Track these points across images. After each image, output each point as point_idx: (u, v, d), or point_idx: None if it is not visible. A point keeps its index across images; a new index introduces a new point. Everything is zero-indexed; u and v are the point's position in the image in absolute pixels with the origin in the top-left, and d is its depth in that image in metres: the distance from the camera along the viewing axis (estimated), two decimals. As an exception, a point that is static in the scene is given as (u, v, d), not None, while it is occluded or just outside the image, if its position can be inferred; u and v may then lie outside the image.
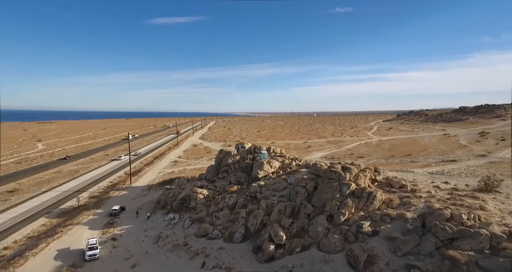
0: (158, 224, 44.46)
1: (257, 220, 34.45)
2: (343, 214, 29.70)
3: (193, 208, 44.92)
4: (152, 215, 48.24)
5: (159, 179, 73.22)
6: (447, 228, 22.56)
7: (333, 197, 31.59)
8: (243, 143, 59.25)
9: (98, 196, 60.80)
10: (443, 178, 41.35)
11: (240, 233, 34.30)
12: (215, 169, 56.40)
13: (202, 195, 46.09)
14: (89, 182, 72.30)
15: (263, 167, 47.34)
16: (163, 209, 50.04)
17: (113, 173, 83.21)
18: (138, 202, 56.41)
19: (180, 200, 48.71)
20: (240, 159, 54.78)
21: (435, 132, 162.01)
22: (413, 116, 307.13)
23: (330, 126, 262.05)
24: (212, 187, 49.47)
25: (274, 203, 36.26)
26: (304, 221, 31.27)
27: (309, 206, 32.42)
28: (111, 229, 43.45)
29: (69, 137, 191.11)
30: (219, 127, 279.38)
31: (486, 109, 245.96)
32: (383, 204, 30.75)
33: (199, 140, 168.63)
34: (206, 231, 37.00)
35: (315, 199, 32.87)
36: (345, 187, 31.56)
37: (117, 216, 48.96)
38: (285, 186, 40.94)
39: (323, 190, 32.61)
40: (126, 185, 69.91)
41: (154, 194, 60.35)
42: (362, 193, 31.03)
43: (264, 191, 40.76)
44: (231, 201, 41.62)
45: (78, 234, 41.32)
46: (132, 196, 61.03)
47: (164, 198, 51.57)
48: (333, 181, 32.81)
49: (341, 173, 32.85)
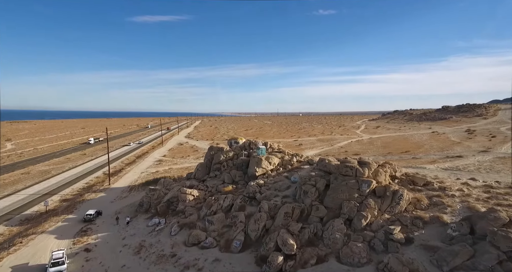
0: (139, 230, 38.28)
1: (259, 225, 29.22)
2: (365, 217, 24.98)
3: (182, 212, 39.08)
4: (132, 220, 41.92)
5: (142, 179, 66.40)
6: (511, 236, 18.18)
7: (350, 197, 26.85)
8: (236, 138, 53.93)
9: (70, 199, 53.48)
10: (464, 174, 37.82)
11: (239, 241, 28.94)
12: (206, 167, 50.63)
13: (192, 196, 40.31)
14: (62, 184, 64.35)
15: (261, 163, 42.12)
16: (146, 213, 43.81)
17: (90, 173, 75.27)
18: (117, 205, 49.73)
19: (166, 202, 42.69)
20: (233, 156, 49.32)
21: (422, 130, 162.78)
22: (398, 115, 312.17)
23: (318, 125, 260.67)
24: (203, 187, 43.76)
25: (278, 205, 31.15)
26: (316, 226, 26.29)
27: (322, 207, 27.53)
28: (84, 238, 36.84)
29: (43, 136, 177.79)
30: (206, 126, 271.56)
31: (467, 108, 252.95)
32: (410, 204, 26.28)
33: (185, 139, 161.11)
34: (198, 238, 31.37)
35: (328, 199, 27.99)
36: (365, 184, 26.85)
37: (92, 222, 42.24)
38: (288, 184, 35.96)
39: (338, 189, 27.76)
40: (105, 186, 62.68)
41: (136, 196, 53.80)
42: (385, 191, 26.40)
43: (264, 191, 35.59)
44: (226, 203, 36.16)
45: (41, 245, 34.46)
46: (111, 198, 54.16)
47: (147, 200, 45.32)
48: (348, 178, 28.04)
49: (359, 168, 28.09)
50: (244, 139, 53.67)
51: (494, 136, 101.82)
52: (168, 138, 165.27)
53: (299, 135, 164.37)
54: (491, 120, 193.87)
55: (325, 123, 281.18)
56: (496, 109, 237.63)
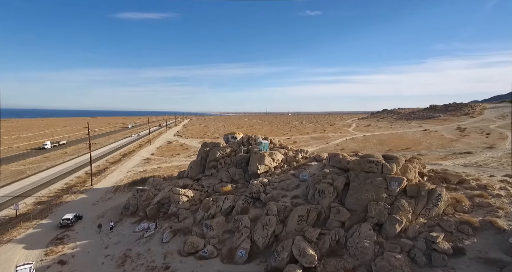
0: (125, 237, 33.31)
1: (268, 231, 24.95)
2: (399, 222, 21.11)
3: (174, 215, 34.35)
4: (117, 225, 36.82)
5: (128, 179, 60.82)
6: None
7: (377, 197, 22.98)
8: (233, 133, 49.48)
9: (46, 202, 47.46)
10: (491, 171, 34.69)
11: (245, 250, 24.60)
12: (200, 164, 45.88)
13: (186, 197, 35.58)
14: (37, 185, 57.89)
15: (264, 160, 37.85)
16: (133, 217, 38.78)
17: (70, 173, 68.73)
18: (99, 208, 44.31)
19: (156, 204, 37.83)
20: (231, 152, 44.80)
21: (413, 128, 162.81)
22: (387, 114, 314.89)
23: (308, 123, 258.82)
24: (198, 186, 39.10)
25: (288, 206, 26.99)
26: (338, 232, 22.28)
27: (344, 210, 23.54)
28: (59, 247, 31.54)
29: (21, 134, 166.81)
30: (195, 125, 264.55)
31: (454, 107, 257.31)
32: (449, 206, 22.67)
33: (173, 137, 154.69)
34: (195, 246, 26.81)
35: (351, 200, 24.03)
36: (395, 183, 22.97)
37: (70, 227, 36.88)
38: (297, 183, 31.88)
39: (361, 188, 23.84)
40: (86, 186, 56.78)
41: (122, 197, 48.45)
42: (419, 191, 22.64)
43: (269, 191, 31.35)
44: (226, 205, 31.71)
45: (5, 257, 28.97)
46: (93, 200, 48.56)
47: (134, 202, 40.26)
48: (373, 175, 24.14)
49: (386, 164, 24.19)
50: (242, 134, 49.36)
51: (488, 133, 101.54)
52: (156, 136, 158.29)
53: (292, 133, 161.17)
54: (478, 118, 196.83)
55: (315, 122, 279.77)
56: (482, 108, 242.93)
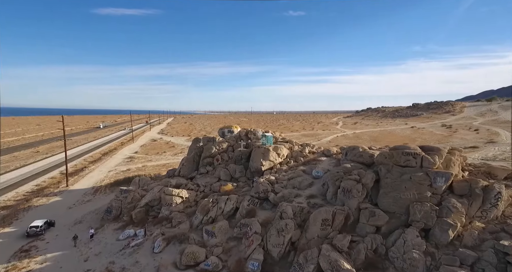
0: (107, 247, 28.17)
1: (285, 238, 20.84)
2: (452, 227, 17.51)
3: (167, 219, 29.52)
4: (98, 232, 31.51)
5: (110, 179, 54.80)
6: None
7: (421, 196, 19.32)
8: (230, 126, 44.92)
9: (11, 207, 40.93)
10: None
11: (257, 261, 20.35)
12: (193, 162, 41.04)
13: (179, 198, 30.80)
14: (2, 187, 50.70)
15: (269, 155, 33.68)
16: (116, 222, 33.59)
17: (42, 173, 61.49)
18: (77, 213, 38.57)
19: (144, 207, 32.81)
20: (228, 147, 40.32)
21: (400, 126, 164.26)
22: (371, 113, 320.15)
23: (295, 121, 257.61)
24: (193, 186, 34.36)
25: (305, 208, 23.02)
26: (375, 240, 18.51)
27: (380, 212, 19.80)
28: (24, 262, 26.01)
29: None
30: (179, 123, 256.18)
31: (436, 106, 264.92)
32: (510, 206, 19.32)
33: (158, 135, 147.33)
34: (195, 257, 22.29)
35: (387, 200, 20.30)
36: (441, 178, 19.34)
37: (40, 236, 31.15)
38: (310, 181, 27.99)
39: (397, 186, 20.16)
40: (61, 188, 50.34)
41: (103, 200, 42.81)
42: (471, 188, 19.11)
43: (279, 189, 27.25)
44: (228, 206, 27.31)
45: (-48, 279, 23.27)
46: (69, 203, 42.54)
47: (117, 204, 34.96)
48: (411, 170, 20.47)
49: (426, 156, 20.49)
50: (239, 127, 44.97)
51: (476, 130, 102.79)
52: (139, 134, 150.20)
53: (281, 130, 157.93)
54: (459, 116, 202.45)
55: (302, 120, 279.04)
56: (462, 107, 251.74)
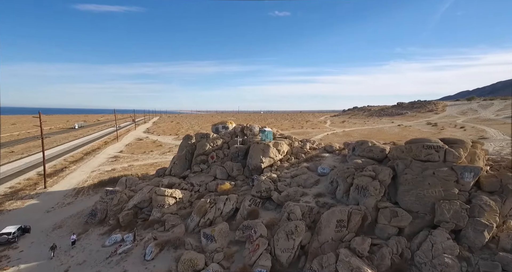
0: (92, 254, 25.21)
1: (295, 241, 18.77)
2: (488, 228, 15.97)
3: (158, 222, 26.83)
4: (81, 238, 28.38)
5: (93, 180, 51.00)
6: None
7: (447, 194, 17.66)
8: (224, 122, 42.47)
9: (-19, 212, 36.82)
10: None
11: (265, 268, 18.17)
12: (185, 159, 38.33)
13: (172, 199, 28.14)
14: (-29, 190, 45.97)
15: (269, 152, 31.55)
16: (102, 226, 30.53)
17: (17, 174, 56.59)
18: (56, 217, 35.03)
19: (132, 209, 29.95)
20: (222, 144, 37.91)
21: (387, 124, 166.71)
22: (358, 112, 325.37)
23: (284, 120, 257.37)
24: (187, 185, 31.71)
25: (314, 208, 21.10)
26: (399, 242, 16.72)
27: (403, 212, 17.99)
28: (-6, 275, 22.74)
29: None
30: (166, 122, 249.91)
31: (419, 105, 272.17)
32: None
33: (143, 134, 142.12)
34: (194, 265, 19.82)
35: (408, 198, 18.50)
36: (469, 174, 17.72)
37: (12, 245, 27.66)
38: (316, 178, 26.11)
39: (419, 182, 18.50)
40: (38, 190, 46.18)
41: (86, 202, 39.36)
42: (503, 184, 17.66)
43: (283, 188, 25.19)
44: (228, 207, 24.99)
45: None
46: (47, 206, 38.76)
47: (103, 207, 31.85)
48: (433, 165, 18.81)
49: (450, 149, 18.90)
50: (234, 123, 42.61)
51: (462, 127, 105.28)
52: (123, 133, 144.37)
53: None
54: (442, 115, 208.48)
55: (290, 119, 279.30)
56: (443, 106, 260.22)
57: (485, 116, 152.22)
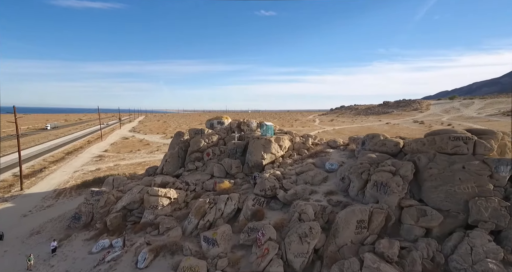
0: (77, 263, 22.43)
1: (309, 245, 16.82)
2: None
3: (151, 225, 24.26)
4: (63, 245, 25.41)
5: (76, 180, 47.37)
6: None
7: (482, 190, 15.98)
8: (219, 117, 40.14)
9: None
10: None
11: (277, 274, 16.23)
12: (177, 157, 35.72)
13: (167, 199, 25.60)
14: None
15: (271, 147, 29.50)
16: (87, 230, 27.65)
17: (-9, 176, 52.02)
18: (34, 221, 31.67)
19: (121, 211, 27.22)
20: (218, 141, 35.59)
21: (375, 122, 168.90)
22: (345, 110, 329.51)
23: (273, 119, 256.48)
24: (182, 184, 29.19)
25: (327, 207, 19.29)
26: (430, 245, 15.06)
27: (432, 211, 16.20)
28: (-41, 291, 19.59)
29: None
30: (152, 121, 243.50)
31: (405, 104, 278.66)
32: None
33: (129, 133, 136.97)
34: (195, 274, 17.60)
35: (437, 195, 16.78)
36: (505, 167, 16.03)
37: (-17, 254, 24.44)
38: (324, 175, 24.28)
39: (449, 177, 16.79)
40: (13, 192, 42.23)
41: (68, 204, 36.08)
42: None
43: (289, 186, 23.23)
44: (229, 207, 22.78)
45: None
46: (23, 210, 35.17)
47: (88, 209, 28.90)
48: (462, 158, 17.16)
49: (481, 141, 17.27)
50: (230, 118, 40.37)
51: (449, 124, 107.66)
52: (108, 132, 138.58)
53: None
54: (427, 113, 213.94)
55: (279, 118, 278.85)
56: (427, 104, 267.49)
57: (467, 114, 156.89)
